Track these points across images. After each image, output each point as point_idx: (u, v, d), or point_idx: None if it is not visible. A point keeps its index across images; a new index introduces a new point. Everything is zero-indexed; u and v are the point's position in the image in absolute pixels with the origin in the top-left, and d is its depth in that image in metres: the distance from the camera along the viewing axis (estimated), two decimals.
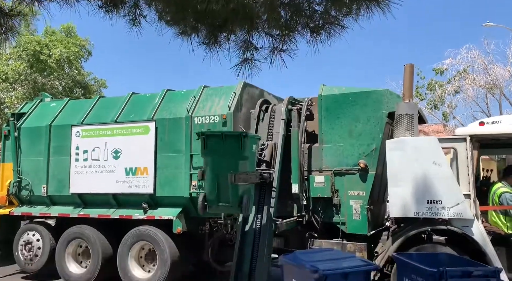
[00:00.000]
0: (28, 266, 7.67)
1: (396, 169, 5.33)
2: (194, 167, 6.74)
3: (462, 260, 4.21)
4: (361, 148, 5.95)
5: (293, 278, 4.02)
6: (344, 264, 4.05)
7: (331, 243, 5.94)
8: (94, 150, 7.36)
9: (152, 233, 6.81)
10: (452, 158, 5.36)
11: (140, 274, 6.90)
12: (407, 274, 3.97)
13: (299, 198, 6.12)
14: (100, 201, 7.38)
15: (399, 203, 5.26)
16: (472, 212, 5.00)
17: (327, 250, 5.11)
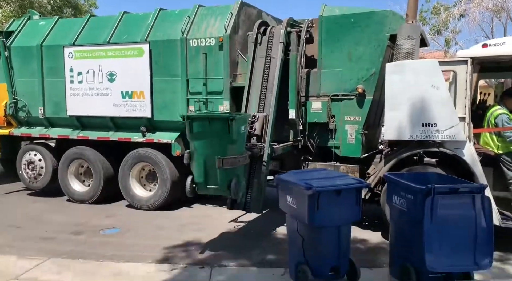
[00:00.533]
0: (32, 184, 8.04)
1: (394, 93, 5.34)
2: (191, 92, 6.73)
3: (450, 179, 4.39)
4: (360, 72, 5.89)
5: (288, 195, 4.21)
6: (337, 182, 4.24)
7: (325, 166, 6.11)
8: (88, 72, 7.27)
9: (152, 155, 7.02)
10: (451, 81, 5.34)
11: (141, 192, 7.24)
12: (397, 192, 4.16)
13: (296, 124, 6.19)
14: (98, 123, 7.47)
15: (394, 126, 5.35)
16: (465, 135, 5.12)
17: (321, 170, 5.31)
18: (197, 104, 6.69)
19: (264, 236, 5.76)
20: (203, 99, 6.66)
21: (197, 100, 6.68)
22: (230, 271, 4.50)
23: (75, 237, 5.78)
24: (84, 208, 7.37)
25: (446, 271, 3.82)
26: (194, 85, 6.73)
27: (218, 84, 6.56)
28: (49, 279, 4.26)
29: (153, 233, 5.91)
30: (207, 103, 6.67)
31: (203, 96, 6.66)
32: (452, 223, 3.68)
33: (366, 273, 4.35)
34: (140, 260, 4.83)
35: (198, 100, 6.68)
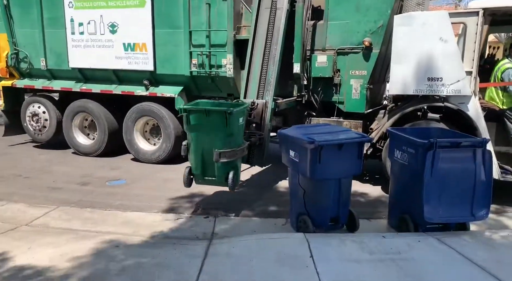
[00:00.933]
0: (38, 136, 8.14)
1: (401, 46, 5.24)
2: (194, 45, 6.59)
3: (452, 133, 4.41)
4: (368, 25, 5.72)
5: (290, 150, 4.26)
6: (339, 136, 4.26)
7: (328, 121, 6.08)
8: (89, 23, 7.11)
9: (156, 109, 7.02)
10: (460, 34, 5.22)
11: (145, 146, 7.34)
12: (399, 146, 4.20)
13: (300, 78, 6.10)
14: (101, 76, 7.41)
15: (400, 81, 5.30)
16: (471, 89, 5.08)
17: (323, 125, 5.33)
18: (200, 57, 6.58)
19: (267, 189, 5.90)
20: (206, 52, 6.53)
21: (200, 53, 6.56)
22: (233, 221, 4.66)
23: (82, 187, 5.94)
24: (90, 160, 7.51)
25: (443, 222, 3.95)
26: (197, 37, 6.57)
27: (222, 37, 6.38)
28: (59, 226, 4.43)
29: (158, 185, 6.06)
30: (210, 56, 6.54)
31: (206, 49, 6.52)
32: (452, 176, 3.75)
33: (365, 224, 4.51)
34: (146, 210, 5.00)
35: (201, 53, 6.56)
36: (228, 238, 4.09)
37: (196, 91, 7.04)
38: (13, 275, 3.20)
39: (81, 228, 4.38)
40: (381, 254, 3.50)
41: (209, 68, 6.55)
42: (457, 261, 3.39)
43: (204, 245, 3.80)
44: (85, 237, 3.99)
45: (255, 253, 3.55)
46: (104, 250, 3.67)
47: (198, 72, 6.67)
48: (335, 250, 3.58)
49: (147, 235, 4.16)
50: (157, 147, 7.22)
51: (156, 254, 3.58)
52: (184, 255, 3.56)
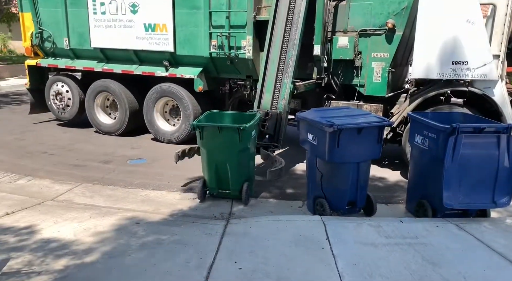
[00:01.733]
0: (61, 115, 8.38)
1: (426, 28, 5.10)
2: (214, 26, 6.55)
3: (475, 118, 4.30)
4: (392, 6, 5.58)
5: (309, 133, 4.25)
6: (358, 120, 4.22)
7: (348, 104, 6.03)
8: (111, 3, 7.15)
9: (175, 90, 7.08)
10: (489, 16, 5.01)
11: (165, 126, 7.45)
12: (420, 131, 4.13)
13: (320, 60, 6.00)
14: (122, 56, 7.50)
15: (423, 64, 5.18)
16: (497, 73, 4.92)
17: (342, 108, 5.27)
18: (219, 38, 6.55)
19: (284, 171, 5.91)
20: (226, 34, 6.50)
21: (219, 34, 6.53)
22: (251, 201, 4.71)
23: (105, 165, 6.10)
24: (111, 139, 7.67)
25: (463, 208, 3.90)
26: (217, 18, 6.52)
27: (242, 18, 6.33)
28: (83, 202, 4.59)
29: (177, 164, 6.09)
30: (230, 38, 6.50)
31: (226, 30, 6.49)
32: (474, 162, 3.68)
33: (383, 208, 4.50)
34: (166, 189, 5.12)
35: (220, 34, 6.52)
36: (245, 218, 4.16)
37: (215, 72, 7.05)
38: (40, 247, 3.36)
39: (103, 204, 4.52)
40: (398, 238, 3.50)
41: (229, 50, 6.52)
42: (476, 248, 3.36)
43: (222, 224, 3.87)
44: (107, 213, 4.13)
45: (272, 234, 3.60)
46: (125, 226, 3.80)
47: (217, 54, 6.65)
48: (351, 233, 3.60)
49: (167, 213, 4.28)
50: (177, 127, 7.32)
51: (176, 231, 3.68)
52: (202, 233, 3.65)
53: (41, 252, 3.28)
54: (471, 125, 3.70)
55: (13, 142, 7.36)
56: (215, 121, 4.87)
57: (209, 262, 3.12)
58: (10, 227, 3.76)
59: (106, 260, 3.16)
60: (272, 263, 3.11)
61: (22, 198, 4.59)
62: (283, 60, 5.87)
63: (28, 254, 3.23)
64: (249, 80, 6.84)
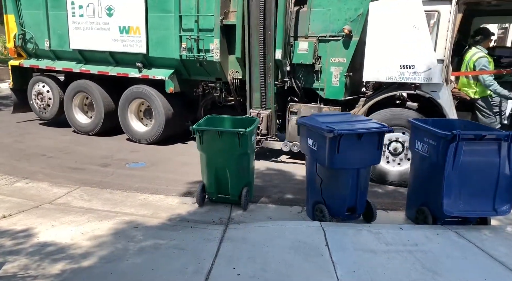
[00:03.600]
0: (42, 114, 8.64)
1: (375, 33, 5.29)
2: (184, 29, 6.74)
3: (476, 126, 4.29)
4: (348, 12, 5.72)
5: (309, 138, 4.23)
6: (358, 126, 4.21)
7: (309, 107, 6.20)
8: (88, 6, 7.38)
9: (147, 92, 7.30)
10: (435, 22, 5.13)
11: (139, 126, 7.67)
12: (420, 138, 4.11)
13: (282, 64, 6.12)
14: (99, 58, 7.69)
15: (373, 67, 5.36)
16: (442, 77, 5.08)
17: (343, 114, 5.27)
18: (189, 41, 6.68)
19: (283, 177, 5.90)
20: (195, 37, 6.64)
21: (189, 37, 6.67)
22: (249, 207, 4.69)
23: (103, 168, 6.07)
24: (110, 142, 7.66)
25: (463, 215, 3.88)
26: (187, 21, 6.69)
27: (210, 21, 6.48)
28: (81, 205, 4.56)
29: (176, 169, 6.14)
30: (199, 41, 6.65)
31: (195, 33, 6.63)
32: (474, 170, 3.66)
33: (382, 215, 4.48)
34: (164, 193, 5.09)
35: (190, 37, 6.66)
36: (244, 223, 4.13)
37: (186, 74, 7.23)
38: (37, 251, 3.32)
39: (101, 208, 4.50)
40: (398, 245, 3.48)
41: (198, 52, 6.68)
42: (477, 256, 3.33)
43: (221, 229, 3.85)
44: (105, 217, 4.10)
45: (270, 240, 3.58)
46: (123, 230, 3.77)
47: (187, 56, 6.81)
48: (351, 239, 3.58)
49: (165, 217, 4.25)
50: (149, 128, 7.50)
51: (174, 236, 3.66)
52: (200, 238, 3.62)
53: (38, 256, 3.24)
54: (472, 132, 3.68)
55: (12, 145, 7.33)
56: (214, 125, 4.85)
57: (207, 268, 3.09)
58: (7, 230, 3.73)
59: (103, 265, 3.13)
60: (271, 269, 3.08)
61: (19, 201, 4.56)
62: (265, 62, 6.15)
63: (25, 258, 3.20)
64: (219, 83, 7.04)
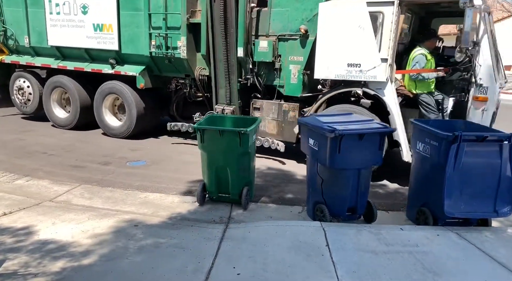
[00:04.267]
0: (23, 109, 8.90)
1: (324, 32, 5.50)
2: (153, 27, 6.99)
3: (477, 127, 4.28)
4: (305, 13, 5.87)
5: (310, 138, 4.23)
6: (360, 126, 4.20)
7: (271, 103, 6.41)
8: (64, 4, 7.58)
9: (120, 87, 7.53)
10: (379, 23, 5.30)
11: (113, 121, 7.92)
12: (421, 138, 4.10)
13: (245, 61, 6.33)
14: (76, 54, 7.94)
15: (323, 66, 5.57)
16: (386, 75, 5.26)
17: (345, 114, 5.25)
18: (158, 39, 6.89)
19: (284, 176, 5.90)
20: (163, 34, 6.84)
21: (158, 35, 6.86)
22: (250, 206, 4.68)
23: (104, 167, 6.07)
24: (111, 140, 7.67)
25: (464, 217, 3.87)
26: (156, 20, 6.89)
27: (177, 20, 6.69)
28: (81, 203, 4.56)
29: (177, 167, 6.14)
30: (167, 38, 6.85)
31: (163, 31, 6.83)
32: (475, 171, 3.65)
33: (383, 215, 4.47)
34: (165, 191, 5.09)
35: (158, 35, 6.86)
36: (245, 223, 4.13)
37: (157, 71, 7.45)
38: (37, 249, 3.32)
39: (102, 206, 4.50)
40: (399, 246, 3.47)
41: (166, 50, 6.89)
42: (477, 257, 3.33)
43: (221, 228, 3.85)
44: (106, 216, 4.10)
45: (271, 239, 3.57)
46: (123, 228, 3.77)
47: (156, 53, 6.99)
48: (351, 240, 3.57)
49: (166, 216, 4.25)
50: (122, 123, 7.70)
51: (174, 235, 3.65)
52: (201, 237, 3.62)
53: (38, 253, 3.24)
54: (474, 133, 3.68)
55: (13, 142, 7.34)
56: (216, 124, 4.85)
57: (208, 267, 3.09)
58: (8, 228, 3.73)
59: (103, 263, 3.13)
60: (271, 269, 3.08)
61: (20, 199, 4.56)
62: (229, 59, 6.36)
63: (25, 256, 3.20)
64: (188, 79, 7.25)
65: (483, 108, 5.00)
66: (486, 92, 4.98)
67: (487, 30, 4.97)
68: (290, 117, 6.25)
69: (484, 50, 4.96)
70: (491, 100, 5.00)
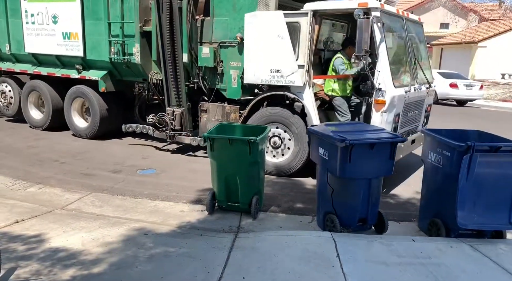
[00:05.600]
0: (6, 111, 9.72)
1: (249, 41, 6.02)
2: (112, 35, 7.47)
3: (491, 137, 4.22)
4: (241, 22, 6.22)
5: (320, 147, 4.21)
6: (370, 135, 4.18)
7: (216, 105, 6.79)
8: (38, 14, 8.24)
9: (85, 91, 8.16)
10: (296, 32, 5.75)
11: (81, 123, 8.52)
12: (433, 148, 4.06)
13: (191, 66, 6.78)
14: (49, 61, 8.59)
15: (250, 71, 6.09)
16: (303, 80, 5.73)
17: (356, 124, 5.24)
18: (116, 46, 7.46)
19: (293, 185, 5.87)
20: (120, 42, 7.41)
21: (116, 42, 7.44)
22: (260, 215, 4.66)
23: (114, 175, 6.12)
24: (121, 148, 7.75)
25: (477, 228, 3.80)
26: (114, 28, 7.43)
27: (132, 28, 7.23)
28: (92, 211, 4.59)
29: (186, 175, 6.16)
30: (124, 45, 7.42)
31: (121, 38, 7.40)
32: (489, 182, 3.59)
33: (394, 226, 4.41)
34: (174, 200, 5.10)
35: (116, 42, 7.44)
36: (254, 232, 4.11)
37: (118, 75, 7.94)
38: (48, 257, 3.35)
39: (112, 214, 4.52)
40: (410, 257, 3.42)
41: (123, 56, 7.45)
42: (492, 270, 3.26)
43: (230, 238, 3.83)
44: (116, 224, 4.12)
45: (280, 249, 3.55)
46: (133, 237, 3.78)
47: (115, 59, 7.54)
48: (362, 251, 3.53)
49: (175, 224, 4.25)
50: (88, 124, 8.30)
51: (183, 244, 3.65)
52: (210, 246, 3.61)
53: (49, 261, 3.27)
54: (487, 143, 3.62)
55: (26, 150, 7.45)
56: (225, 132, 4.87)
57: (217, 277, 3.07)
58: (20, 235, 3.77)
59: (113, 271, 3.14)
60: (280, 279, 3.05)
61: (32, 206, 4.61)
62: (177, 64, 6.80)
63: (36, 263, 3.22)
64: (145, 83, 7.70)
65: (383, 109, 5.34)
66: (385, 95, 5.33)
67: (384, 38, 5.33)
68: (232, 119, 6.62)
69: (382, 57, 5.35)
70: (391, 103, 5.34)
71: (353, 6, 5.34)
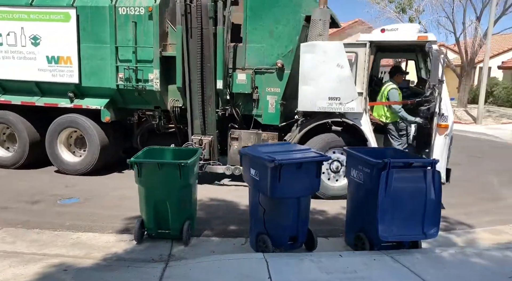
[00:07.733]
0: None
1: (306, 69, 6.02)
2: (121, 60, 6.82)
3: (405, 154, 4.59)
4: (280, 49, 6.38)
5: (251, 168, 4.25)
6: (298, 155, 4.33)
7: (249, 133, 6.72)
8: (9, 34, 7.09)
9: (81, 121, 7.16)
10: (354, 61, 6.02)
11: (69, 157, 7.40)
12: (355, 165, 4.31)
13: (222, 93, 6.59)
14: (22, 88, 7.37)
15: (306, 99, 6.08)
16: (362, 107, 5.98)
17: (283, 144, 5.42)
18: (126, 71, 6.83)
19: (226, 208, 5.83)
20: (133, 67, 6.80)
21: (126, 68, 6.81)
22: (192, 241, 4.54)
23: (32, 206, 5.61)
24: (46, 176, 7.17)
25: (396, 240, 4.06)
26: (124, 52, 6.84)
27: (148, 53, 6.70)
28: (2, 249, 4.12)
29: (113, 204, 5.84)
30: (137, 71, 6.82)
31: (133, 64, 6.80)
32: (405, 195, 3.88)
33: (323, 242, 4.55)
34: (99, 230, 4.79)
35: (128, 68, 6.81)
36: (185, 259, 3.98)
37: (122, 103, 7.29)
38: None
39: (26, 251, 4.10)
40: (338, 273, 3.54)
41: (136, 82, 6.85)
42: (410, 280, 3.48)
43: (160, 267, 3.67)
44: (31, 261, 3.75)
45: (213, 275, 3.48)
46: (51, 274, 3.47)
47: (124, 86, 6.90)
48: (293, 270, 3.58)
49: (100, 257, 3.98)
50: (82, 158, 7.29)
51: (109, 277, 3.43)
52: (138, 278, 3.42)
53: None
54: (401, 160, 3.94)
55: None
56: (154, 157, 4.71)
57: None
58: None
59: None
60: None
61: None
62: (204, 92, 6.54)
63: None
64: (158, 111, 7.22)
65: (446, 133, 5.78)
66: (447, 120, 5.79)
67: (443, 69, 5.72)
68: None
69: (444, 86, 5.76)
70: (450, 126, 5.81)
71: (412, 39, 5.85)
